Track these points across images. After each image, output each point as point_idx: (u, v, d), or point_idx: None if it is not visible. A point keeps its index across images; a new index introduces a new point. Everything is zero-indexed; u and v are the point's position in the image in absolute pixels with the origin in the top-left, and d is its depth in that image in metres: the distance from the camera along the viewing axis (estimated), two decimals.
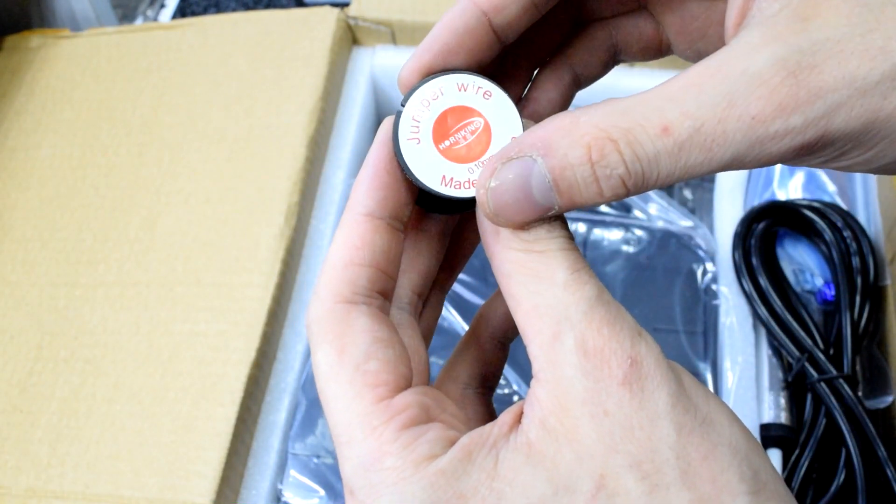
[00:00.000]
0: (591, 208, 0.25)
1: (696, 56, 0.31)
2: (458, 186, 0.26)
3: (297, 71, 0.65)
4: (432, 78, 0.27)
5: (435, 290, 0.32)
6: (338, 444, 0.25)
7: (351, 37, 0.70)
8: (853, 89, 0.22)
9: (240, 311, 0.56)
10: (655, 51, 0.32)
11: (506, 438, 0.24)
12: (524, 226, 0.25)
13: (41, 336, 0.58)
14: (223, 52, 0.68)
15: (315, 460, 0.54)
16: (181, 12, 0.87)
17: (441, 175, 0.26)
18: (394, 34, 0.69)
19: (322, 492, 0.53)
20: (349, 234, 0.27)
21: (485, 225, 0.26)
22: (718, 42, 0.30)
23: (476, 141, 0.27)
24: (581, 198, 0.24)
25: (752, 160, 0.23)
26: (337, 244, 0.27)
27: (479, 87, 0.27)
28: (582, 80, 0.32)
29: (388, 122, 0.28)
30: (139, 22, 0.85)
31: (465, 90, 0.27)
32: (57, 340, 0.57)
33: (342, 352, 0.26)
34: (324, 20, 0.68)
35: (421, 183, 0.26)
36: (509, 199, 0.25)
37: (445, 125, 0.27)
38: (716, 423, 0.24)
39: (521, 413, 0.25)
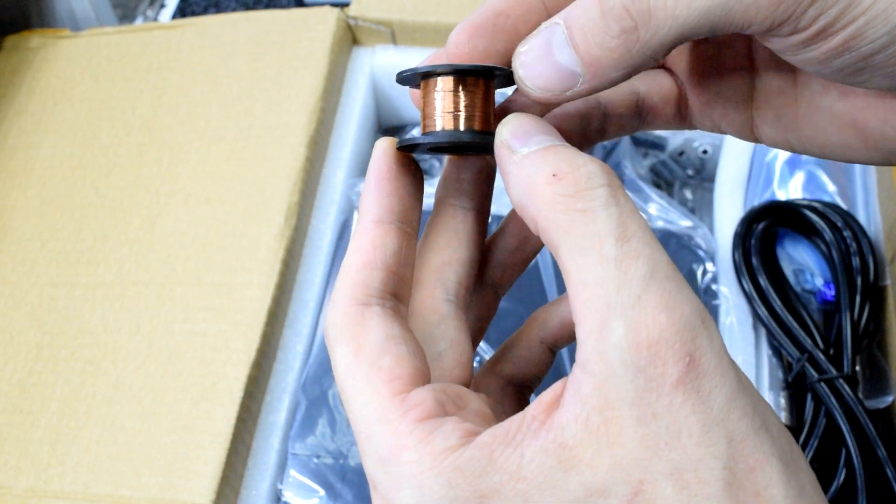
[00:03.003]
0: (618, 79, 0.24)
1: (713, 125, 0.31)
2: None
3: (297, 71, 0.66)
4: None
5: (488, 288, 0.32)
6: (359, 440, 0.25)
7: (351, 37, 0.70)
8: None
9: (240, 311, 0.56)
10: (675, 108, 0.32)
11: (534, 436, 0.23)
12: (556, 98, 0.26)
13: (41, 336, 0.58)
14: (223, 52, 0.68)
15: (315, 460, 0.54)
16: (181, 12, 0.87)
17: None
18: (394, 34, 0.69)
19: (322, 492, 0.53)
20: (360, 241, 0.27)
21: (521, 183, 0.25)
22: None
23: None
24: (594, 43, 0.24)
25: None
26: (350, 251, 0.27)
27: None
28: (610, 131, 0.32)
29: (383, 141, 0.28)
30: (139, 22, 0.85)
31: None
32: (57, 340, 0.57)
33: (358, 351, 0.26)
34: (324, 20, 0.68)
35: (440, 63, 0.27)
36: (533, 59, 0.25)
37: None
38: (771, 430, 0.22)
39: (554, 404, 0.23)
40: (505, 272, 0.32)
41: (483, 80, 0.27)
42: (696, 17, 0.23)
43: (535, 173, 0.24)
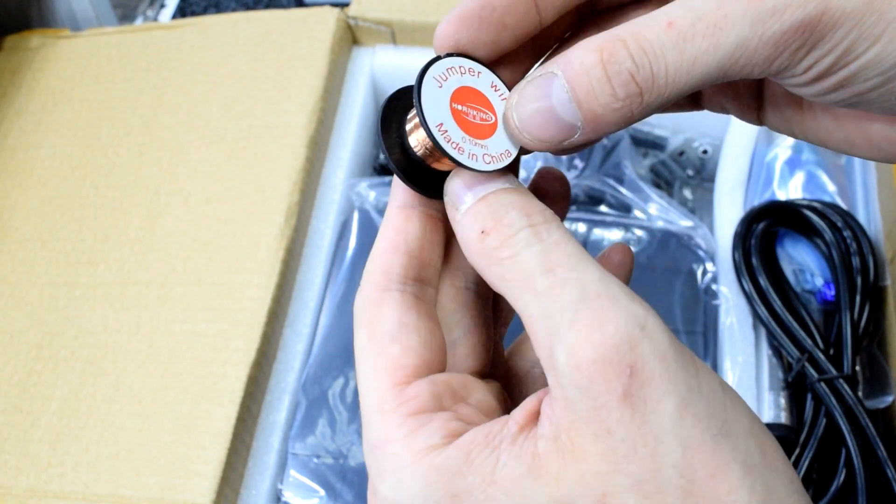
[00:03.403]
0: (614, 131, 0.24)
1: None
2: (447, 140, 0.26)
3: (297, 71, 0.65)
4: (481, 63, 0.28)
5: None
6: (362, 422, 0.26)
7: (351, 37, 0.70)
8: None
9: (240, 310, 0.56)
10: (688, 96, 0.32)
11: (512, 442, 0.23)
12: (550, 148, 0.25)
13: (41, 336, 0.58)
14: (223, 52, 0.68)
15: (315, 460, 0.54)
16: (181, 12, 0.87)
17: (440, 122, 0.26)
18: (394, 34, 0.69)
19: (322, 492, 0.53)
20: (385, 226, 0.28)
21: (463, 242, 0.26)
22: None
23: (481, 127, 0.27)
24: (599, 105, 0.24)
25: (758, 47, 0.23)
26: (378, 237, 0.28)
27: (506, 98, 0.28)
28: None
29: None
30: (139, 22, 0.85)
31: (495, 90, 0.28)
32: (57, 340, 0.57)
33: (371, 336, 0.27)
34: (324, 20, 0.68)
35: (421, 112, 0.26)
36: (532, 111, 0.25)
37: (466, 97, 0.27)
38: (732, 433, 0.22)
39: (536, 414, 0.24)
40: None
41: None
42: (697, 79, 0.24)
43: (469, 233, 0.25)
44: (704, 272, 0.59)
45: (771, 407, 0.54)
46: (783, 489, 0.22)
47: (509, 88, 0.28)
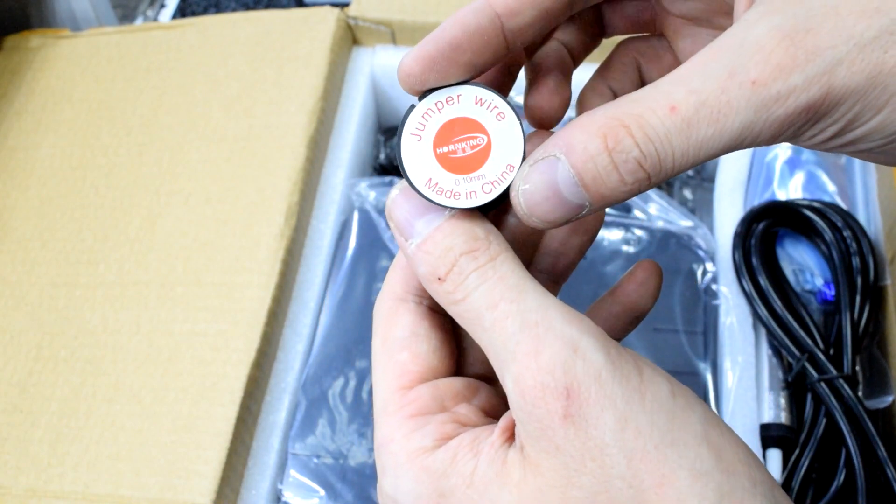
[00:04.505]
0: (623, 202, 0.25)
1: None
2: (440, 192, 0.27)
3: (297, 71, 0.65)
4: (455, 84, 0.27)
5: (543, 277, 0.33)
6: (374, 422, 0.28)
7: (351, 37, 0.70)
8: (851, 45, 0.22)
9: (240, 311, 0.56)
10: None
11: (491, 447, 0.25)
12: (562, 224, 0.26)
13: (41, 336, 0.58)
14: (223, 52, 0.68)
15: (315, 460, 0.54)
16: (181, 12, 0.87)
17: (428, 177, 0.27)
18: (394, 34, 0.69)
19: (322, 492, 0.53)
20: None
21: (420, 275, 0.27)
22: None
23: (473, 156, 0.27)
24: (607, 189, 0.24)
25: (763, 129, 0.23)
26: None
27: (495, 107, 0.27)
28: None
29: None
30: (139, 22, 0.85)
31: (481, 105, 0.27)
32: (57, 340, 0.57)
33: (384, 342, 0.29)
34: (324, 20, 0.68)
35: (407, 178, 0.27)
36: (540, 198, 0.25)
37: (451, 132, 0.27)
38: (679, 441, 0.23)
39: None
40: (558, 260, 0.32)
41: None
42: (703, 159, 0.24)
43: (427, 273, 0.26)
44: (704, 272, 0.59)
45: (771, 407, 0.54)
46: (741, 492, 0.23)
47: (492, 89, 0.27)
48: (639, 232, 0.61)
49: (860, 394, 0.52)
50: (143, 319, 0.57)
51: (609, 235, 0.61)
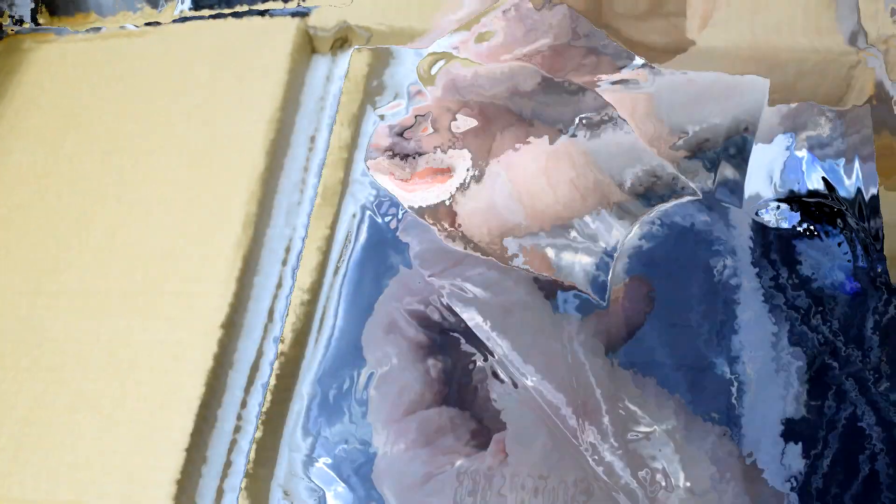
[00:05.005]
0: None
1: None
2: None
3: (257, 80, 0.66)
4: None
5: None
6: None
7: (310, 46, 0.71)
8: None
9: (197, 319, 0.56)
10: None
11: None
12: None
13: (3, 345, 0.58)
14: (187, 60, 0.69)
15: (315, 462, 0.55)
16: (196, 4, 0.86)
17: None
18: (352, 44, 0.70)
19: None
20: None
21: None
22: None
23: None
24: None
25: None
26: None
27: None
28: None
29: None
30: (162, 9, 0.85)
31: None
32: (19, 349, 0.58)
33: None
34: (284, 29, 0.68)
35: None
36: None
37: None
38: None
39: None
40: None
41: None
42: None
43: None
44: (724, 266, 0.59)
45: (791, 401, 0.54)
46: None
47: None
48: (656, 227, 0.60)
49: (883, 387, 0.52)
50: (103, 328, 0.58)
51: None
